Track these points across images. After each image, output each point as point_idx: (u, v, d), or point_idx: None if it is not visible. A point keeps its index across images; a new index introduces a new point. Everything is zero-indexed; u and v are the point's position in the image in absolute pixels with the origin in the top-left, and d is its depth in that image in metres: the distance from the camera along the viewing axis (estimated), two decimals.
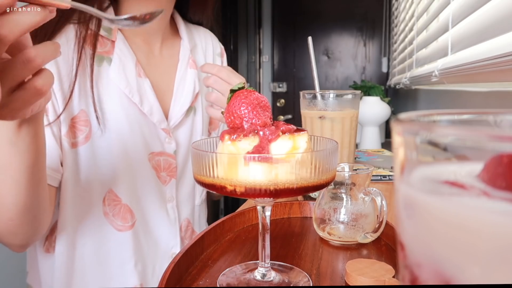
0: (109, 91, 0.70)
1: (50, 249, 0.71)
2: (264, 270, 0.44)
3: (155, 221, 0.75)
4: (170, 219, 0.77)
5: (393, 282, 0.41)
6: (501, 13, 0.59)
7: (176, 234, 0.77)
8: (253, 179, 0.36)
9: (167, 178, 0.77)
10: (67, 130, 0.67)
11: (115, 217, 0.71)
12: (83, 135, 0.68)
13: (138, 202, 0.73)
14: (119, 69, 0.70)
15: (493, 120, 0.18)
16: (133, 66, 0.73)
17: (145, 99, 0.73)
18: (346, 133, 0.73)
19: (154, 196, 0.75)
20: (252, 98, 0.41)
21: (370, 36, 3.05)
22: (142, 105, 0.72)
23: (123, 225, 0.71)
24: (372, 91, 1.89)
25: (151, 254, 0.75)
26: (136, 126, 0.72)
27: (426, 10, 1.27)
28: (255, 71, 3.25)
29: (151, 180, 0.74)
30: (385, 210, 0.50)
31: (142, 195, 0.73)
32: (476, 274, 0.13)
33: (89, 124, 0.68)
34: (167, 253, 0.77)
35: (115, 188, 0.71)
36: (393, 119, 0.17)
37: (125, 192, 0.71)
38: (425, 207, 0.15)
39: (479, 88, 0.80)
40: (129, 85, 0.71)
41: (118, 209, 0.71)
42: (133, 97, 0.71)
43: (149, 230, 0.75)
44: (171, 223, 0.77)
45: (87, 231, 0.70)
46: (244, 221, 0.60)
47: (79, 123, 0.68)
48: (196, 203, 0.84)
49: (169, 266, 0.42)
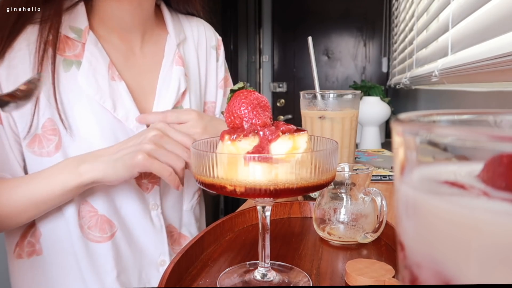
0: (80, 97, 0.65)
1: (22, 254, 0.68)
2: (264, 270, 0.44)
3: (138, 229, 0.72)
4: (155, 227, 0.73)
5: (393, 282, 0.41)
6: (501, 13, 0.59)
7: (163, 241, 0.74)
8: (253, 179, 0.36)
9: (149, 186, 0.72)
10: (30, 140, 0.63)
11: (91, 229, 0.67)
12: (53, 144, 0.64)
13: (117, 212, 0.69)
14: (88, 74, 0.65)
15: (493, 120, 0.18)
16: (105, 69, 0.67)
17: (120, 104, 0.67)
18: (346, 133, 0.73)
19: (135, 205, 0.71)
20: (252, 98, 0.41)
21: (370, 36, 3.05)
22: (116, 111, 0.67)
23: (101, 236, 0.68)
24: (372, 91, 1.89)
25: (137, 263, 0.72)
26: (109, 133, 0.67)
27: (426, 10, 1.27)
28: (255, 71, 3.25)
29: (131, 188, 0.70)
30: (385, 210, 0.50)
31: (121, 204, 0.70)
32: (476, 274, 0.13)
33: (58, 133, 0.64)
34: (154, 260, 0.74)
35: (90, 198, 0.67)
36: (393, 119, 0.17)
37: (101, 202, 0.67)
38: (425, 207, 0.15)
39: (479, 88, 0.80)
40: (100, 91, 0.66)
41: (94, 221, 0.67)
42: (104, 103, 0.66)
43: (133, 239, 0.72)
44: (156, 230, 0.73)
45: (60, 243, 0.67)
46: (244, 221, 0.60)
47: (47, 132, 0.64)
48: (184, 208, 0.80)
49: (169, 266, 0.42)
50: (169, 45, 0.78)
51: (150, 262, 0.74)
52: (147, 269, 0.73)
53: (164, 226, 0.74)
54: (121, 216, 0.70)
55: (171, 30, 0.79)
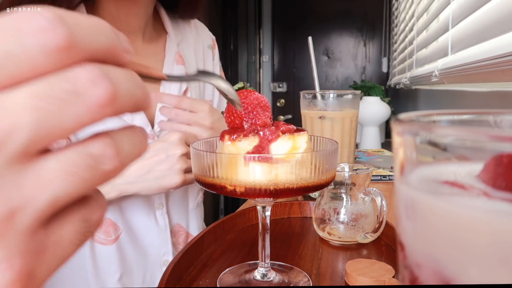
0: None
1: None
2: (264, 270, 0.44)
3: (143, 230, 0.72)
4: (159, 227, 0.74)
5: (393, 282, 0.41)
6: (501, 13, 0.59)
7: (167, 241, 0.74)
8: (253, 179, 0.36)
9: None
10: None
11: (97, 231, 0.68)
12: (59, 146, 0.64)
13: (121, 214, 0.70)
14: None
15: (493, 120, 0.18)
16: None
17: None
18: (346, 133, 0.73)
19: (139, 206, 0.71)
20: (252, 98, 0.41)
21: (370, 36, 3.05)
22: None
23: (106, 239, 0.68)
24: (372, 91, 1.89)
25: (141, 264, 0.72)
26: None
27: (426, 10, 1.27)
28: (255, 71, 3.25)
29: None
30: (385, 210, 0.50)
31: (125, 206, 0.70)
32: (476, 274, 0.13)
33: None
34: (158, 261, 0.74)
35: None
36: (393, 119, 0.17)
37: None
38: (425, 207, 0.15)
39: (479, 88, 0.80)
40: None
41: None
42: None
43: (137, 240, 0.72)
44: (160, 230, 0.74)
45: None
46: (244, 221, 0.60)
47: None
48: (190, 207, 0.80)
49: (169, 266, 0.42)
50: (170, 44, 0.78)
51: (154, 263, 0.74)
52: (151, 270, 0.73)
53: (168, 226, 0.74)
54: (126, 217, 0.70)
55: (170, 30, 0.79)
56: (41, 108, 0.14)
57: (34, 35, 0.14)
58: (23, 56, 0.14)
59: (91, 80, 0.15)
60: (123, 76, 0.17)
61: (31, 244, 0.15)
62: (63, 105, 0.15)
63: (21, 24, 0.14)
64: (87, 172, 0.16)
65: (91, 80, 0.15)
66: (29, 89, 0.14)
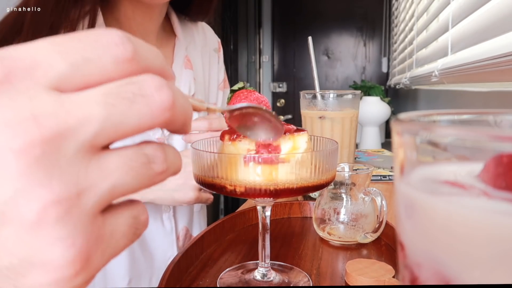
0: None
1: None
2: (264, 270, 0.44)
3: (149, 233, 0.72)
4: (165, 230, 0.74)
5: (393, 282, 0.41)
6: (501, 13, 0.59)
7: (173, 244, 0.74)
8: (253, 179, 0.36)
9: None
10: None
11: None
12: None
13: None
14: None
15: (493, 120, 0.18)
16: None
17: None
18: (346, 133, 0.73)
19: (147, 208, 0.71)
20: (252, 98, 0.41)
21: (370, 36, 3.05)
22: None
23: None
24: (372, 91, 1.89)
25: (148, 267, 0.72)
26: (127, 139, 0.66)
27: (426, 10, 1.27)
28: (255, 71, 3.25)
29: None
30: (385, 210, 0.50)
31: None
32: (476, 274, 0.13)
33: None
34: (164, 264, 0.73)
35: None
36: (393, 119, 0.17)
37: None
38: (425, 207, 0.15)
39: (479, 88, 0.80)
40: None
41: None
42: None
43: (144, 243, 0.72)
44: (166, 233, 0.74)
45: None
46: (244, 221, 0.60)
47: None
48: (195, 209, 0.80)
49: (169, 266, 0.42)
50: (178, 48, 0.78)
51: (160, 266, 0.74)
52: (157, 274, 0.73)
53: (174, 229, 0.74)
54: None
55: (179, 34, 0.79)
56: (112, 104, 0.17)
57: (109, 47, 0.17)
58: (99, 63, 0.17)
59: (155, 86, 0.18)
60: (178, 91, 0.19)
61: (92, 227, 0.17)
62: (130, 104, 0.17)
63: (99, 38, 0.17)
64: (142, 168, 0.18)
65: (156, 86, 0.18)
66: (102, 89, 0.17)
